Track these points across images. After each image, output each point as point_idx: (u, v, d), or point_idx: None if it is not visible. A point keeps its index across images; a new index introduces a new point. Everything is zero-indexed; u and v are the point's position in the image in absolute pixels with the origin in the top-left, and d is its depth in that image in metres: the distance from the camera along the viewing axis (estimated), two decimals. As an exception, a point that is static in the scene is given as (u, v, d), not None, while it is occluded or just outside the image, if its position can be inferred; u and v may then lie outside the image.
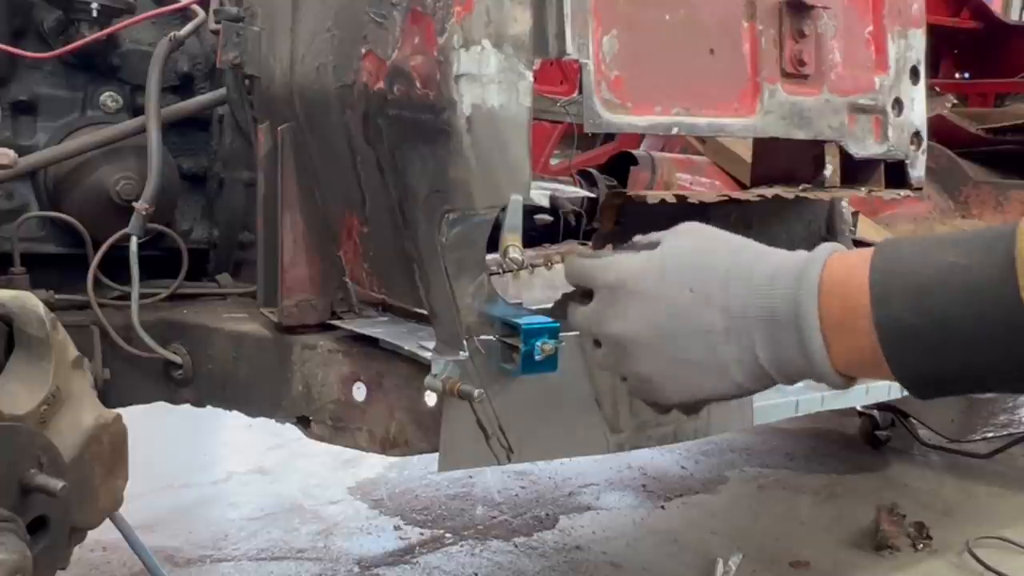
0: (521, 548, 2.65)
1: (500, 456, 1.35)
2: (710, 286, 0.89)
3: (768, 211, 1.65)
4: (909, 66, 1.50)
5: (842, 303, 0.83)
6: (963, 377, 0.80)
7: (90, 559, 2.41)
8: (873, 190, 1.51)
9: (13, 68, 1.67)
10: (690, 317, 0.89)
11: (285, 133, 1.47)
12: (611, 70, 1.20)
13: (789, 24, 1.36)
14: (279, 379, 1.51)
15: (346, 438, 1.47)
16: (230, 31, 1.56)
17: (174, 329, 1.61)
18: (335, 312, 1.55)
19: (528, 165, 1.18)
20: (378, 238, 1.38)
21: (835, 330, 0.84)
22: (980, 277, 0.76)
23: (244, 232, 1.84)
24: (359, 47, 1.23)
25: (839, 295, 0.84)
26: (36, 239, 1.67)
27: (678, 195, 1.32)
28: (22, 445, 1.17)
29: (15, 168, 1.55)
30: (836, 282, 0.84)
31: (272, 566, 2.51)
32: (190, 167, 1.84)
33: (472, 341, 1.24)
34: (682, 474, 3.27)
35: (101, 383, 1.51)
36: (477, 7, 1.13)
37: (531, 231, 2.16)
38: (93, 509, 1.33)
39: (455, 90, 1.13)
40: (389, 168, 1.26)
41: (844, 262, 0.86)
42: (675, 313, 0.90)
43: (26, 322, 1.22)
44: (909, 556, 2.63)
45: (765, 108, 1.35)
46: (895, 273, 0.81)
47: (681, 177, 2.73)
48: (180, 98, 1.78)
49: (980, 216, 3.02)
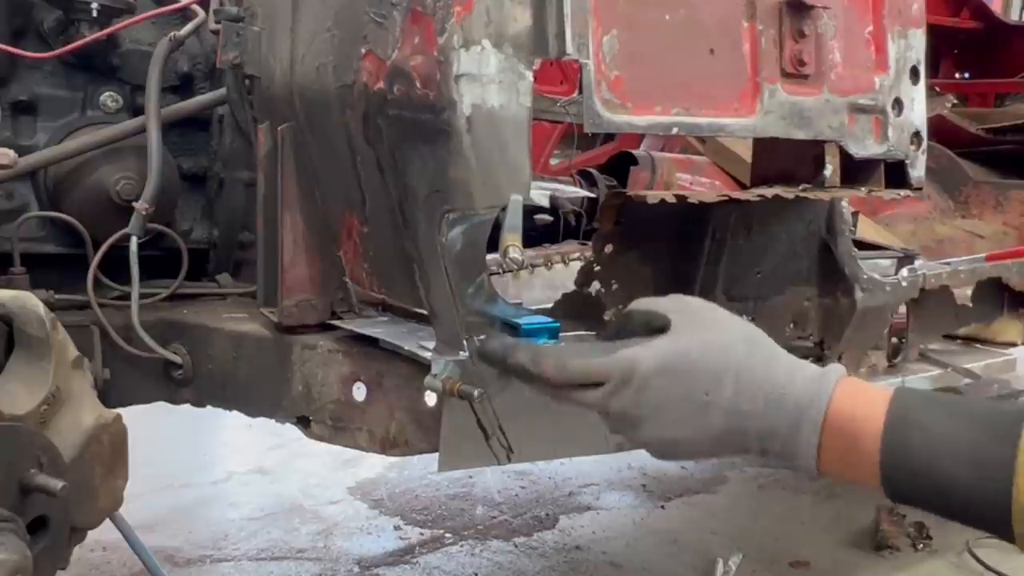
0: (521, 548, 2.65)
1: (500, 456, 1.35)
2: (719, 393, 0.92)
3: (768, 211, 1.65)
4: (909, 66, 1.50)
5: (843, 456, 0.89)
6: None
7: (90, 559, 2.41)
8: (873, 190, 1.51)
9: (13, 68, 1.67)
10: (693, 419, 0.93)
11: (285, 133, 1.47)
12: (611, 70, 1.20)
13: (789, 24, 1.36)
14: (279, 379, 1.51)
15: (346, 438, 1.47)
16: (230, 31, 1.56)
17: (174, 329, 1.61)
18: (335, 312, 1.55)
19: (528, 165, 1.18)
20: (378, 238, 1.38)
21: (831, 462, 0.90)
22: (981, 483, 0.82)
23: (244, 232, 1.84)
24: (359, 47, 1.23)
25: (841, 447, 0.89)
26: (36, 239, 1.67)
27: (678, 195, 1.32)
28: (22, 445, 1.17)
29: (15, 168, 1.55)
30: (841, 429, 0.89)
31: (272, 566, 2.51)
32: (190, 167, 1.84)
33: (472, 341, 1.24)
34: (682, 474, 3.27)
35: (101, 383, 1.51)
36: (477, 7, 1.13)
37: (531, 231, 2.16)
38: (93, 509, 1.33)
39: (455, 90, 1.13)
40: (389, 168, 1.26)
41: (851, 403, 0.89)
42: (681, 414, 0.93)
43: (26, 322, 1.22)
44: (909, 556, 2.62)
45: (765, 108, 1.34)
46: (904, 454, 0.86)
47: (681, 177, 2.73)
48: (180, 98, 1.78)
49: (980, 216, 3.02)
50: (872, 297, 1.85)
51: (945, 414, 0.87)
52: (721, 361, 0.93)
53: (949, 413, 0.87)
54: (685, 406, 0.93)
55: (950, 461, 0.84)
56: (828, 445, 0.89)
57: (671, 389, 0.93)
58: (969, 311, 2.18)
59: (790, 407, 0.90)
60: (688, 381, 0.93)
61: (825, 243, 1.80)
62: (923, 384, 2.08)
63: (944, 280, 2.04)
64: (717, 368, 0.92)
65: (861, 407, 0.89)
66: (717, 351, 0.93)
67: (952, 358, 2.20)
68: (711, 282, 1.66)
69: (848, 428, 0.89)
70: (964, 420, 0.86)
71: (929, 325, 2.12)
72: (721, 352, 0.93)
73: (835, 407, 0.89)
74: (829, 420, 0.89)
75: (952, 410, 0.88)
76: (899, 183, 1.53)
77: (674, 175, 2.69)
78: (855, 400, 0.90)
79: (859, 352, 1.95)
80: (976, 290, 2.17)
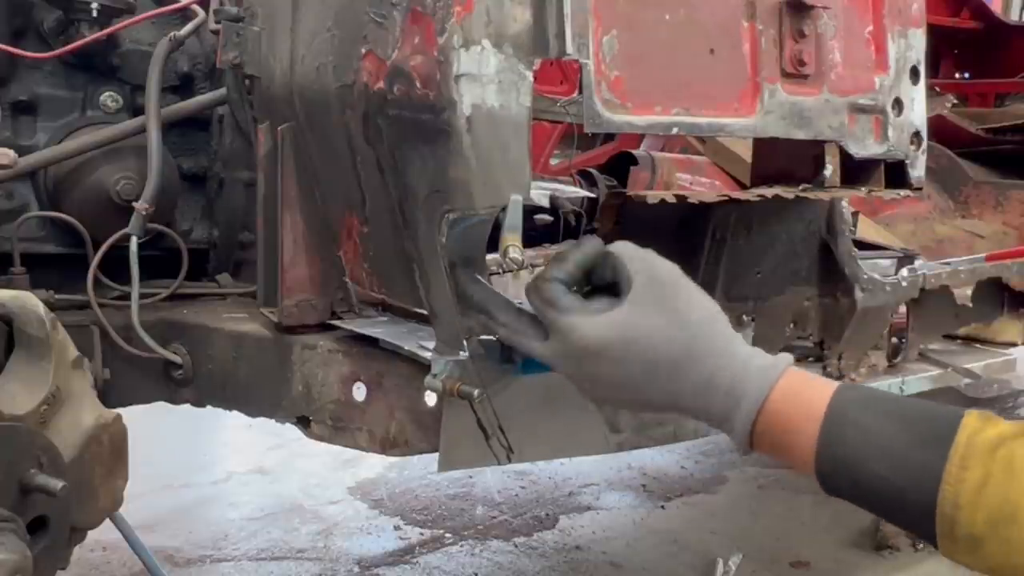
0: (521, 548, 2.65)
1: (500, 456, 1.35)
2: (658, 377, 0.95)
3: (768, 211, 1.65)
4: (909, 66, 1.50)
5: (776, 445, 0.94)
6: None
7: (90, 559, 2.41)
8: (873, 190, 1.51)
9: (13, 68, 1.67)
10: (634, 393, 0.97)
11: (285, 133, 1.47)
12: (611, 70, 1.20)
13: (789, 24, 1.36)
14: (279, 379, 1.51)
15: (346, 438, 1.47)
16: (230, 31, 1.56)
17: (174, 329, 1.61)
18: (335, 312, 1.55)
19: (528, 165, 1.18)
20: (378, 238, 1.38)
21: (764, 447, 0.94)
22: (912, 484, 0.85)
23: (244, 232, 1.84)
24: (359, 47, 1.23)
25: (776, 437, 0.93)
26: (36, 239, 1.67)
27: (678, 195, 1.32)
28: (22, 445, 1.17)
29: (15, 168, 1.55)
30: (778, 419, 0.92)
31: (272, 566, 2.51)
32: (190, 167, 1.84)
33: (472, 341, 1.24)
34: (682, 474, 3.27)
35: (101, 383, 1.51)
36: (477, 7, 1.13)
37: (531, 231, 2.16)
38: (93, 509, 1.33)
39: (455, 90, 1.13)
40: (389, 168, 1.26)
41: (794, 396, 0.93)
42: (623, 387, 0.97)
43: (26, 322, 1.22)
44: (909, 556, 2.63)
45: (765, 108, 1.34)
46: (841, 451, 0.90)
47: (681, 177, 2.73)
48: (180, 98, 1.78)
49: (980, 216, 3.02)
50: (872, 297, 1.85)
51: (883, 414, 0.89)
52: (664, 349, 0.94)
53: (887, 413, 0.90)
54: (625, 384, 0.96)
55: (882, 462, 0.87)
56: (762, 431, 0.93)
57: (608, 367, 0.96)
58: (969, 311, 2.18)
59: (727, 394, 0.93)
60: (628, 363, 0.95)
61: (825, 243, 1.80)
62: (923, 384, 2.08)
63: (944, 280, 2.04)
64: (658, 356, 0.94)
65: (803, 401, 0.92)
66: (662, 339, 0.95)
67: (952, 358, 2.20)
68: (711, 282, 1.66)
69: (785, 420, 0.92)
70: (900, 422, 0.88)
71: (929, 325, 2.13)
72: (666, 341, 0.95)
73: (775, 399, 0.92)
74: (766, 410, 0.92)
75: (890, 410, 0.90)
76: (899, 183, 1.53)
77: (674, 175, 2.69)
78: (798, 393, 0.92)
79: (859, 352, 1.95)
80: (976, 290, 2.17)
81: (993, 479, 0.81)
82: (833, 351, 1.89)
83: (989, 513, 0.80)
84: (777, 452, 0.94)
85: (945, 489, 0.82)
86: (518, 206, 1.12)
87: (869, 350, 1.98)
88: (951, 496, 0.82)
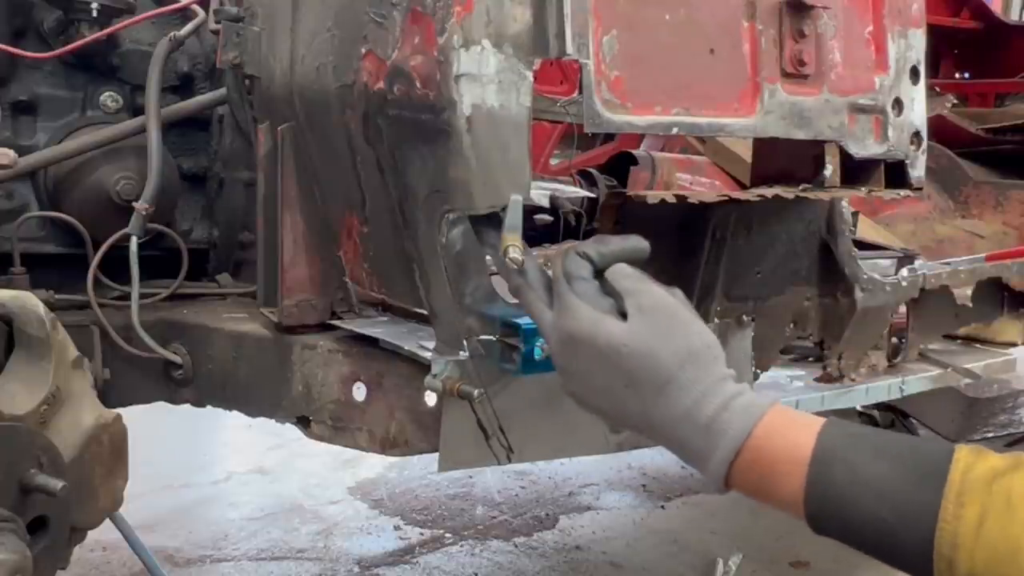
0: (521, 548, 2.65)
1: (500, 456, 1.35)
2: (643, 391, 0.93)
3: (768, 211, 1.64)
4: (909, 66, 1.50)
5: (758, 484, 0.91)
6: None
7: (90, 559, 2.41)
8: (873, 190, 1.51)
9: (13, 68, 1.67)
10: (615, 397, 0.95)
11: (285, 133, 1.47)
12: (611, 70, 1.20)
13: (789, 24, 1.36)
14: (279, 379, 1.51)
15: (346, 438, 1.47)
16: (230, 31, 1.56)
17: (174, 329, 1.61)
18: (335, 312, 1.55)
19: (528, 165, 1.18)
20: (378, 238, 1.38)
21: (743, 484, 0.92)
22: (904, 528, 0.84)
23: (244, 232, 1.84)
24: (359, 47, 1.23)
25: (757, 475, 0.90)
26: (36, 239, 1.67)
27: (678, 195, 1.32)
28: (22, 445, 1.17)
29: (15, 168, 1.55)
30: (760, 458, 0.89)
31: (272, 566, 2.51)
32: (190, 167, 1.84)
33: (472, 341, 1.24)
34: (682, 474, 3.27)
35: (101, 383, 1.51)
36: (477, 7, 1.13)
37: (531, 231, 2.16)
38: (93, 509, 1.33)
39: (455, 90, 1.13)
40: (389, 168, 1.26)
41: (779, 433, 0.90)
42: (607, 389, 0.95)
43: (26, 322, 1.22)
44: (909, 556, 2.62)
45: (765, 108, 1.34)
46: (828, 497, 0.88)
47: (681, 177, 2.73)
48: (180, 98, 1.78)
49: (980, 216, 3.02)
50: (872, 297, 1.85)
51: (871, 451, 0.87)
52: (652, 369, 0.92)
53: (876, 450, 0.87)
54: (601, 387, 0.95)
55: (874, 501, 0.85)
56: (743, 470, 0.90)
57: (593, 364, 0.94)
58: (969, 311, 2.18)
59: (706, 428, 0.90)
60: (612, 369, 0.93)
61: (825, 243, 1.80)
62: (923, 384, 2.08)
63: (944, 280, 2.04)
64: (646, 374, 0.92)
65: (788, 440, 0.89)
66: (655, 359, 0.92)
67: (952, 358, 2.19)
68: (711, 282, 1.66)
69: (770, 460, 0.89)
70: (890, 459, 0.86)
71: (929, 325, 2.12)
72: (657, 363, 0.92)
73: (758, 435, 0.89)
74: (748, 447, 0.89)
75: (879, 447, 0.88)
76: (899, 183, 1.53)
77: (674, 175, 2.69)
78: (783, 433, 0.90)
79: (859, 352, 1.95)
80: (976, 290, 2.16)
81: (991, 515, 0.79)
82: (833, 351, 1.89)
83: (989, 551, 0.78)
84: (759, 492, 0.92)
85: (942, 528, 0.80)
86: (518, 206, 1.12)
87: (869, 350, 1.98)
88: (949, 535, 0.80)
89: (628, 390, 0.93)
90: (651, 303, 0.95)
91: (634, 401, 0.93)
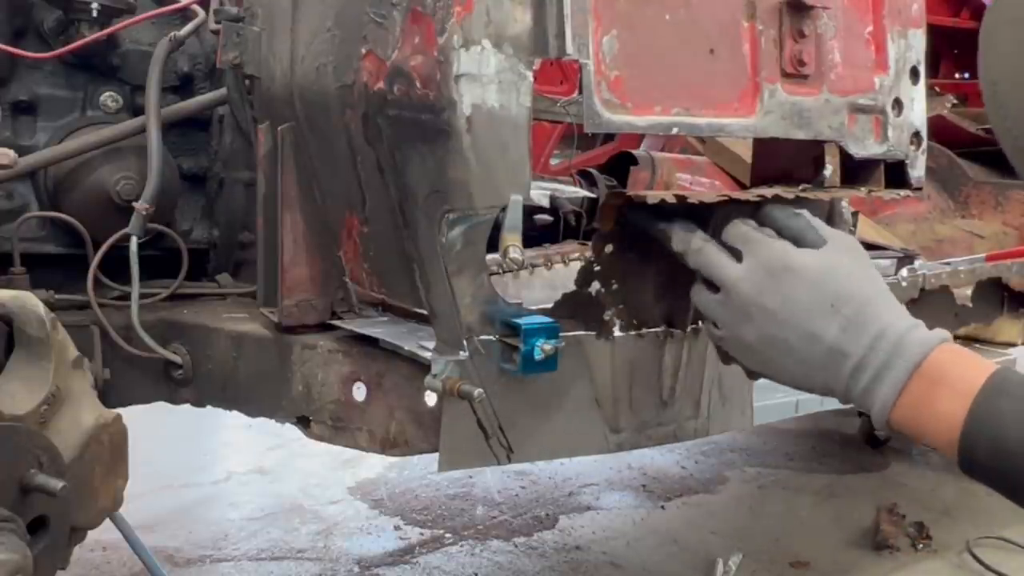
0: (521, 548, 2.65)
1: (500, 456, 1.34)
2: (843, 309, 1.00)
3: (768, 211, 1.64)
4: (909, 66, 1.50)
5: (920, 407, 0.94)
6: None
7: (90, 559, 2.41)
8: (873, 190, 1.51)
9: (13, 68, 1.67)
10: (814, 321, 1.00)
11: (285, 133, 1.47)
12: (611, 70, 1.20)
13: (789, 24, 1.36)
14: (279, 379, 1.51)
15: (346, 438, 1.47)
16: (230, 31, 1.56)
17: (174, 329, 1.61)
18: (335, 312, 1.55)
19: (528, 165, 1.18)
20: (378, 238, 1.38)
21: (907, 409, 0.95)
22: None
23: (244, 232, 1.84)
24: (359, 47, 1.23)
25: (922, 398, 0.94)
26: (36, 239, 1.68)
27: (678, 195, 1.32)
28: (22, 445, 1.17)
29: (15, 168, 1.55)
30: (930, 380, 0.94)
31: (272, 566, 2.51)
32: (190, 167, 1.84)
33: (472, 341, 1.24)
34: (682, 474, 3.27)
35: (101, 383, 1.51)
36: (477, 7, 1.13)
37: (531, 231, 2.16)
38: (93, 509, 1.33)
39: (455, 90, 1.13)
40: (389, 168, 1.26)
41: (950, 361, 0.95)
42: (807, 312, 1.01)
43: (26, 322, 1.22)
44: (909, 556, 2.63)
45: (765, 108, 1.34)
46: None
47: (681, 177, 2.73)
48: (180, 98, 1.78)
49: (980, 216, 3.02)
50: (872, 297, 1.85)
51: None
52: (859, 287, 1.01)
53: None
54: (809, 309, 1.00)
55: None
56: (911, 391, 0.94)
57: (806, 288, 1.01)
58: (969, 311, 2.18)
59: (891, 346, 0.96)
60: (824, 288, 1.00)
61: (825, 243, 1.80)
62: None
63: (944, 280, 2.04)
64: (853, 290, 1.00)
65: (959, 368, 0.93)
66: (860, 278, 1.02)
67: (952, 358, 2.19)
68: (711, 282, 1.65)
69: (937, 382, 0.92)
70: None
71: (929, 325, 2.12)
72: (863, 280, 1.02)
73: (933, 359, 0.94)
74: (922, 368, 0.94)
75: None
76: (899, 183, 1.53)
77: (674, 175, 2.69)
78: (955, 360, 0.94)
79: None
80: (976, 290, 2.17)
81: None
82: (833, 351, 1.89)
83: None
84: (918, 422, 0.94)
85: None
86: (518, 206, 1.12)
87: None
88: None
89: (838, 305, 0.99)
90: (842, 237, 1.06)
91: (838, 319, 0.98)
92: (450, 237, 1.19)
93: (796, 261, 1.02)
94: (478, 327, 1.24)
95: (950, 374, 0.93)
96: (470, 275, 1.23)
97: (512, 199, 1.14)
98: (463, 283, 1.22)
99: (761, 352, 1.04)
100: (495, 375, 1.26)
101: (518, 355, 1.19)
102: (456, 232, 1.19)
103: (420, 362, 1.33)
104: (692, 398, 1.52)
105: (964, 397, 0.90)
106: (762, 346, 1.04)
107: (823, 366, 1.00)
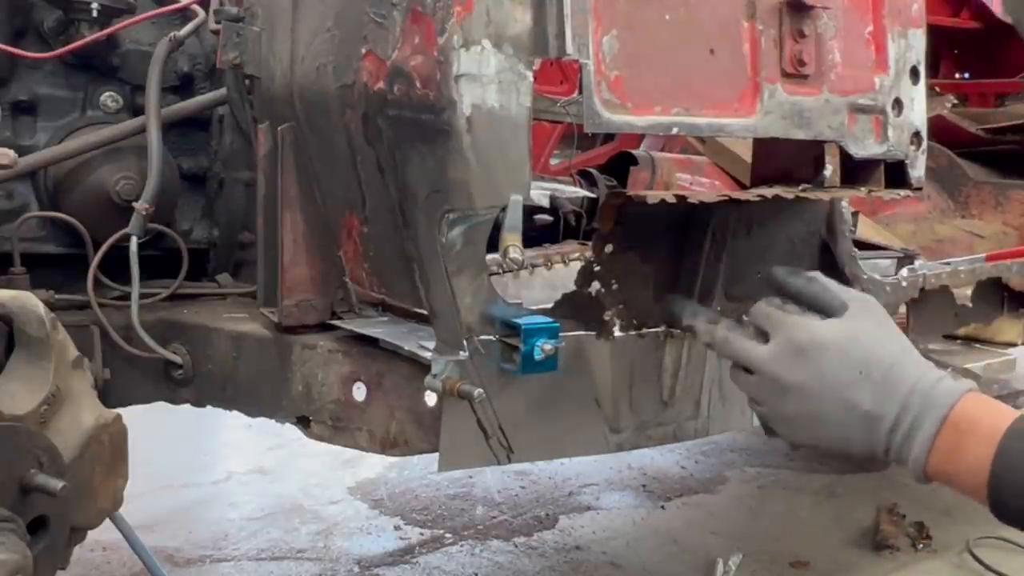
0: (521, 548, 2.65)
1: (500, 456, 1.35)
2: (873, 374, 1.03)
3: (768, 211, 1.64)
4: (909, 66, 1.50)
5: (951, 457, 0.97)
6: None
7: (90, 559, 2.41)
8: (873, 190, 1.51)
9: (13, 68, 1.67)
10: (847, 390, 1.03)
11: (285, 133, 1.47)
12: (611, 70, 1.20)
13: (789, 24, 1.36)
14: (279, 379, 1.51)
15: (346, 438, 1.47)
16: (230, 31, 1.56)
17: (174, 329, 1.61)
18: (335, 312, 1.55)
19: (528, 165, 1.18)
20: (378, 238, 1.38)
21: (940, 461, 0.98)
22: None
23: (244, 232, 1.84)
24: (359, 47, 1.23)
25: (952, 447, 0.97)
26: (36, 239, 1.68)
27: (678, 195, 1.32)
28: (22, 445, 1.17)
29: (15, 168, 1.55)
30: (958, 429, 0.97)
31: (272, 566, 2.51)
32: (190, 167, 1.84)
33: (472, 341, 1.24)
34: (682, 474, 3.27)
35: (101, 383, 1.51)
36: (477, 7, 1.13)
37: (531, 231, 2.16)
38: (93, 509, 1.33)
39: (455, 90, 1.13)
40: (389, 168, 1.26)
41: (975, 410, 0.98)
42: (838, 383, 1.04)
43: (26, 322, 1.22)
44: (909, 556, 2.62)
45: (765, 108, 1.34)
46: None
47: (681, 177, 2.73)
48: (180, 98, 1.78)
49: (980, 216, 3.02)
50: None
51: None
52: (884, 349, 1.04)
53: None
54: (840, 380, 1.03)
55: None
56: (942, 443, 0.97)
57: (834, 360, 1.03)
58: (969, 311, 2.18)
59: (920, 402, 0.99)
60: (851, 357, 1.03)
61: (825, 243, 1.80)
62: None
63: (944, 280, 2.04)
64: (879, 353, 1.03)
65: (985, 415, 0.96)
66: (883, 339, 1.05)
67: (952, 358, 2.19)
68: (711, 282, 1.65)
69: (965, 432, 0.95)
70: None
71: (929, 325, 2.12)
72: (886, 341, 1.05)
73: (959, 409, 0.97)
74: (950, 420, 0.96)
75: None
76: (899, 183, 1.53)
77: (674, 175, 2.69)
78: (980, 408, 0.97)
79: (859, 352, 1.95)
80: (976, 290, 2.16)
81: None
82: (833, 351, 1.89)
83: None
84: (951, 471, 0.97)
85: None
86: (518, 206, 1.12)
87: (869, 350, 1.97)
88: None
89: (867, 371, 1.02)
90: (863, 301, 1.09)
91: (866, 388, 1.01)
92: (450, 237, 1.19)
93: (820, 335, 1.05)
94: (478, 327, 1.24)
95: (977, 422, 0.96)
96: (470, 275, 1.23)
97: (512, 199, 1.14)
98: (463, 283, 1.22)
99: (802, 426, 1.07)
100: (495, 375, 1.26)
101: (518, 355, 1.19)
102: (456, 232, 1.19)
103: (420, 362, 1.33)
104: (692, 398, 1.52)
105: (990, 442, 0.93)
106: (802, 420, 1.07)
107: (861, 431, 1.03)
